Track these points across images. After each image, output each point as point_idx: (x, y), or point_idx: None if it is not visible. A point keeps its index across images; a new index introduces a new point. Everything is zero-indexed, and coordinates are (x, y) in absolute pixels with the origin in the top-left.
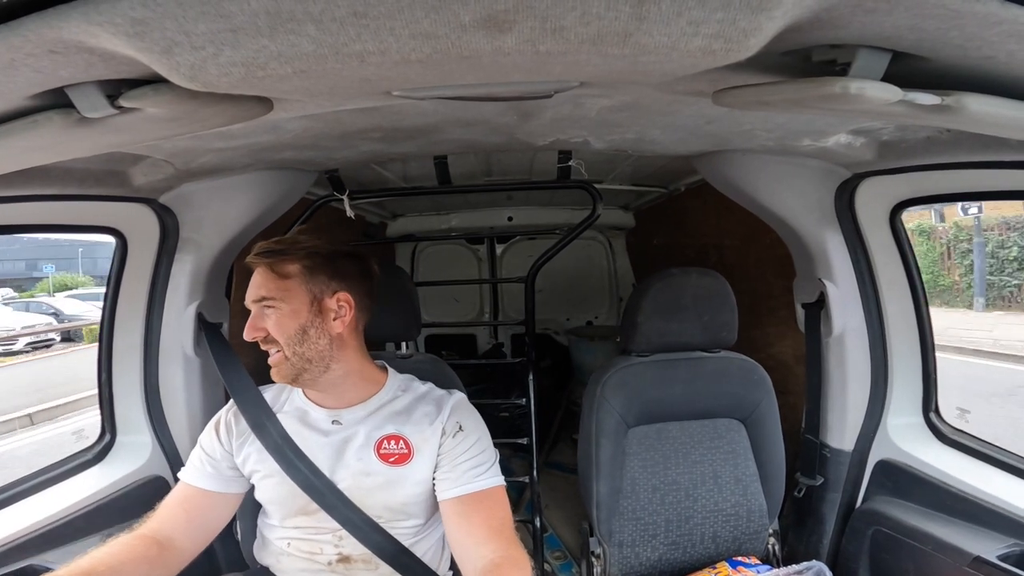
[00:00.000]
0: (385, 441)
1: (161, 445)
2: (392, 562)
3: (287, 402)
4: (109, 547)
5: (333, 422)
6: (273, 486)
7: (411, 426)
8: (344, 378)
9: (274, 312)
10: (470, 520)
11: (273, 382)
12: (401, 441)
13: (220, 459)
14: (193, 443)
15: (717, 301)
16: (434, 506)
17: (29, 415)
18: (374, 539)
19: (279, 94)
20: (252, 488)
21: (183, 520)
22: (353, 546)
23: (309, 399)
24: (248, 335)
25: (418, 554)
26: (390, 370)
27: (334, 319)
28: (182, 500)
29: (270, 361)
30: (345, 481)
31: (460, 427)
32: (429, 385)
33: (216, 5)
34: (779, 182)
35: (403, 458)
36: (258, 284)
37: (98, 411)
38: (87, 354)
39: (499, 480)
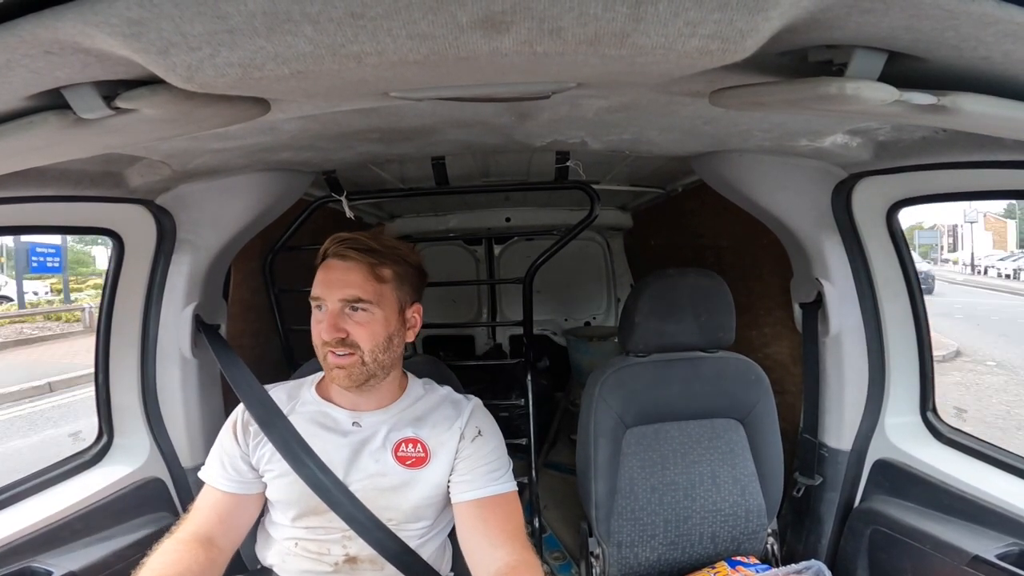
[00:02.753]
0: (403, 444)
1: (159, 447)
2: (397, 563)
3: (302, 402)
4: (163, 556)
5: (354, 423)
6: (286, 485)
7: (428, 429)
8: (384, 384)
9: (365, 316)
10: (486, 523)
11: (272, 382)
12: (419, 444)
13: (240, 459)
14: (191, 444)
15: (714, 301)
16: (443, 508)
17: None
18: (380, 539)
19: (276, 95)
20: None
21: (217, 521)
22: (360, 547)
23: (331, 399)
24: (329, 335)
25: (424, 556)
26: (409, 375)
27: (408, 329)
28: (212, 503)
29: (339, 363)
30: (360, 482)
31: (479, 432)
32: (447, 389)
33: (213, 6)
34: (776, 182)
35: (420, 461)
36: (353, 283)
37: None
38: None
39: (513, 485)
